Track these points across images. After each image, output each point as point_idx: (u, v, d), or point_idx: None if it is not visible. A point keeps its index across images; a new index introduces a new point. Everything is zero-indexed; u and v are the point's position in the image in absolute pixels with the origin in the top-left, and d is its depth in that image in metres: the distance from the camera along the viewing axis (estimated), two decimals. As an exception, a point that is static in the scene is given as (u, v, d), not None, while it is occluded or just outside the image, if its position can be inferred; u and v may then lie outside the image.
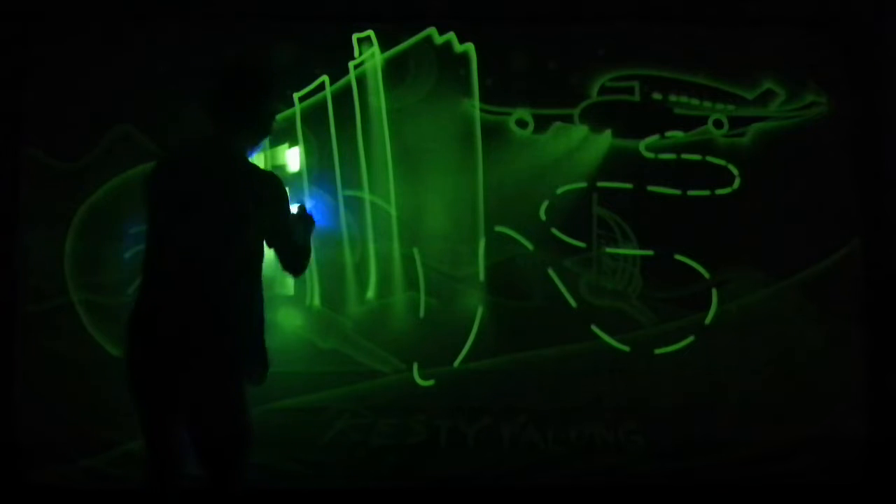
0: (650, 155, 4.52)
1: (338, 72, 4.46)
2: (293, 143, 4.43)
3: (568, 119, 4.51)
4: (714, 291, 4.47)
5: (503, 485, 4.39)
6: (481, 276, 4.46)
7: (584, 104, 4.51)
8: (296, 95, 4.41)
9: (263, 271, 2.89)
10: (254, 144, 3.00)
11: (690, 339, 4.45)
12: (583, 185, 4.50)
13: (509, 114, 4.50)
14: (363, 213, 4.45)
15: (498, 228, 4.47)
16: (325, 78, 4.44)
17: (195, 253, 2.74)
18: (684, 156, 4.52)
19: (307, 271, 4.23)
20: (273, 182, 2.90)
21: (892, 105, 4.50)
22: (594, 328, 4.45)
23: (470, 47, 4.47)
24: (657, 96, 4.54)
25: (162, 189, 2.84)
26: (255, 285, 2.86)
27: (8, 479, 4.24)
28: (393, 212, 4.45)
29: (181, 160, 2.95)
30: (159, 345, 2.73)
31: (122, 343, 2.81)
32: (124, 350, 2.81)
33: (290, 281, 4.34)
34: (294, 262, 3.01)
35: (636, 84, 4.53)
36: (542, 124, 4.51)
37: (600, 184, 4.50)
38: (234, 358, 2.77)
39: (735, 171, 4.51)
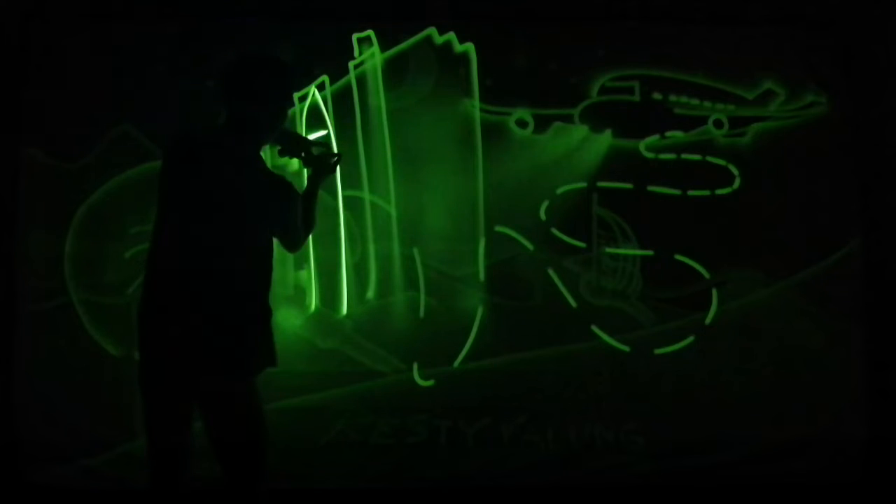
0: (650, 155, 4.52)
1: (338, 72, 4.45)
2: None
3: (568, 119, 4.51)
4: (714, 291, 4.47)
5: (503, 485, 4.39)
6: (481, 276, 4.45)
7: (584, 104, 4.51)
8: (295, 95, 4.41)
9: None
10: (264, 136, 2.96)
11: (690, 339, 4.45)
12: (583, 185, 4.49)
13: (509, 114, 4.50)
14: (363, 213, 4.44)
15: (498, 228, 4.47)
16: (325, 78, 4.44)
17: (208, 253, 2.75)
18: (684, 156, 4.52)
19: (307, 271, 4.31)
20: (286, 187, 2.93)
21: (892, 105, 4.50)
22: (594, 328, 4.45)
23: (470, 47, 4.46)
24: (657, 96, 4.53)
25: (179, 183, 2.79)
26: (265, 284, 2.88)
27: (8, 479, 4.24)
28: (393, 212, 4.44)
29: (201, 150, 2.83)
30: (170, 342, 2.74)
31: (135, 338, 2.82)
32: (137, 345, 2.82)
33: (290, 281, 4.35)
34: (298, 241, 3.08)
35: (636, 84, 4.53)
36: (542, 124, 4.50)
37: (600, 184, 4.50)
38: (242, 357, 2.78)
39: (735, 171, 4.51)
